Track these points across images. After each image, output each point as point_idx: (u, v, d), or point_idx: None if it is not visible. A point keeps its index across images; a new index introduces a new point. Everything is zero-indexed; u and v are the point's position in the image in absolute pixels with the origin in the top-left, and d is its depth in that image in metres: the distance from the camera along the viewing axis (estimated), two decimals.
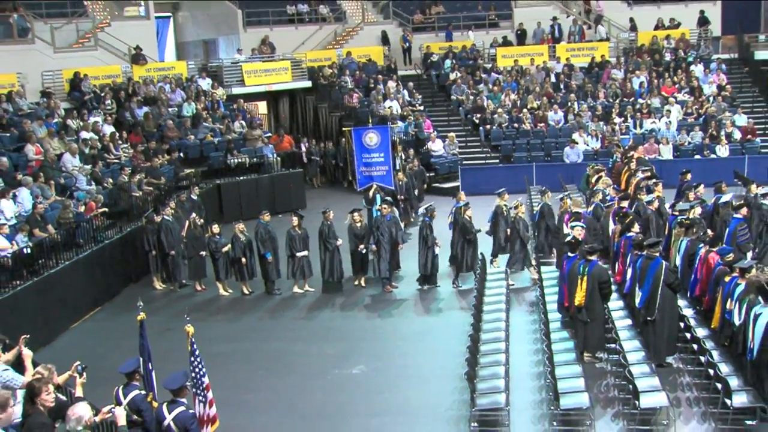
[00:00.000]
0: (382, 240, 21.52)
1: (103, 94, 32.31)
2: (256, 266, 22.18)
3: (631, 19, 42.74)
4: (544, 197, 23.07)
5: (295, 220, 21.83)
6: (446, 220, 22.52)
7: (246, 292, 22.13)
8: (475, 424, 13.74)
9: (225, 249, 21.90)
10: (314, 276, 22.10)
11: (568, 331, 16.49)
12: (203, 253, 22.48)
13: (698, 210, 20.64)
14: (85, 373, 11.32)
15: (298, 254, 21.62)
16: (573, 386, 13.70)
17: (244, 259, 21.78)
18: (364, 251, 22.01)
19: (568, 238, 17.84)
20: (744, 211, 20.30)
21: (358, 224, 22.10)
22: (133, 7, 38.36)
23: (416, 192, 29.02)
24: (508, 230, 22.01)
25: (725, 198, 21.86)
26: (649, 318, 15.77)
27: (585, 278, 15.95)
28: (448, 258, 22.34)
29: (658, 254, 16.12)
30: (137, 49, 35.62)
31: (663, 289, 15.57)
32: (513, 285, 20.66)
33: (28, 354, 11.95)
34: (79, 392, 11.23)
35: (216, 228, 22.39)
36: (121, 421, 9.85)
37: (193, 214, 23.26)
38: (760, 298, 13.66)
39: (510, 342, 16.41)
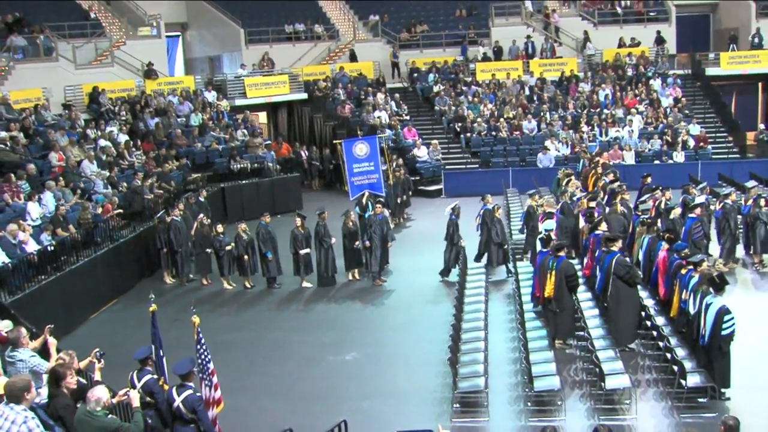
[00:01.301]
0: (374, 237, 21.53)
1: (116, 107, 32.30)
2: (257, 263, 22.17)
3: (585, 32, 42.83)
4: (563, 197, 22.87)
5: (298, 220, 21.81)
6: (472, 221, 22.34)
7: (248, 286, 22.09)
8: (457, 405, 13.82)
9: (229, 247, 21.87)
10: (313, 272, 22.09)
11: (541, 321, 16.58)
12: (209, 250, 22.46)
13: (678, 211, 20.77)
14: (102, 359, 11.32)
15: (302, 252, 21.65)
16: (545, 370, 13.81)
17: (246, 257, 21.79)
18: (360, 246, 22.00)
19: (542, 235, 17.96)
20: (698, 211, 20.42)
21: (350, 224, 22.09)
22: (146, 28, 38.31)
23: (399, 201, 28.52)
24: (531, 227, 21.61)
25: (699, 200, 21.85)
26: (605, 305, 15.93)
27: (553, 272, 16.03)
28: (474, 257, 21.96)
29: (615, 249, 16.21)
30: (149, 65, 35.62)
31: (615, 281, 15.68)
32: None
33: (52, 342, 11.95)
34: (97, 376, 11.25)
35: (220, 227, 22.37)
36: (135, 402, 9.88)
37: (201, 215, 23.22)
38: (711, 288, 13.79)
39: (489, 331, 16.46)
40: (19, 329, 11.50)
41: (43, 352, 11.90)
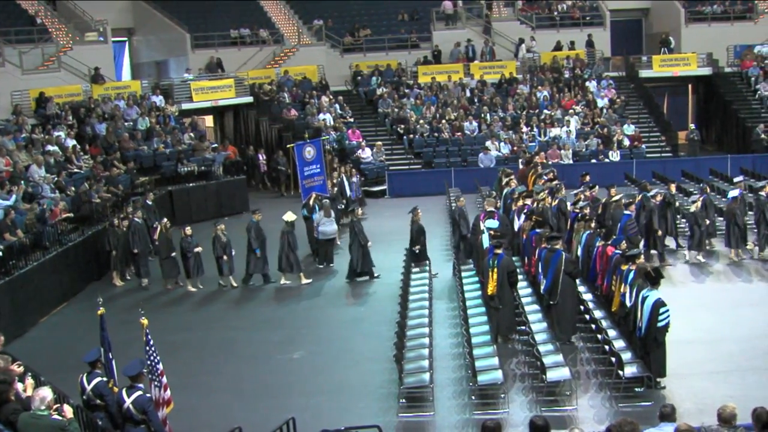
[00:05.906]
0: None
1: (63, 112, 31.73)
2: (233, 263, 21.79)
3: (521, 39, 43.34)
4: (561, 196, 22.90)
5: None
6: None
7: (223, 284, 21.81)
8: (404, 400, 13.88)
9: (197, 249, 21.61)
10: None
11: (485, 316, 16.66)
12: (174, 254, 22.01)
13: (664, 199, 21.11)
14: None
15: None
16: (488, 364, 13.89)
17: (225, 257, 21.54)
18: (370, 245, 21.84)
19: (486, 232, 18.11)
20: (632, 207, 20.72)
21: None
22: (92, 33, 37.74)
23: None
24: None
25: (733, 193, 22.03)
26: (552, 302, 16.03)
27: (495, 270, 16.10)
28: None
29: (558, 247, 16.37)
30: (96, 70, 35.07)
31: (564, 277, 15.83)
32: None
33: None
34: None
35: (189, 230, 21.96)
36: (69, 414, 9.62)
37: (165, 219, 22.77)
38: (647, 282, 14.00)
39: (433, 327, 16.56)
40: None
41: None
